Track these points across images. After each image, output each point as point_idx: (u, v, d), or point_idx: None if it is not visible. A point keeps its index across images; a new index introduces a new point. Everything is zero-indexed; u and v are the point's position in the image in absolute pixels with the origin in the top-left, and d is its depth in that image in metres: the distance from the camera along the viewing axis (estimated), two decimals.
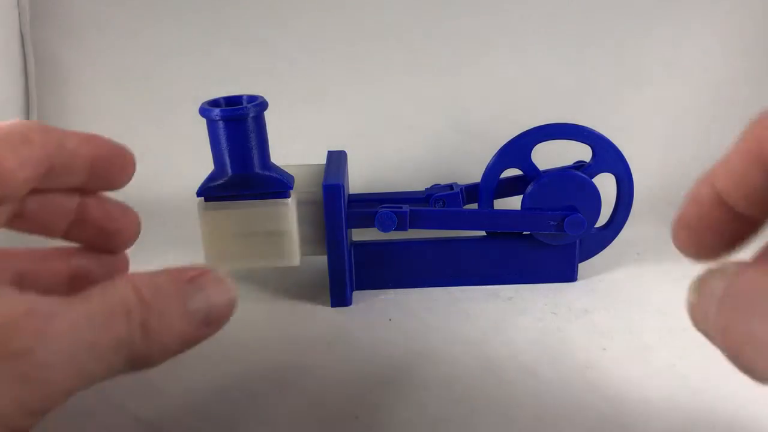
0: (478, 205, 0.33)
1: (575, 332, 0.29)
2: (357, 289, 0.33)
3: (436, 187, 0.35)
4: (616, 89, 0.46)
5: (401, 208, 0.31)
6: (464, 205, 0.34)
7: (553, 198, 0.32)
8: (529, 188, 0.32)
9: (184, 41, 0.45)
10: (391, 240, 0.32)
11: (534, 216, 0.32)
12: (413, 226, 0.31)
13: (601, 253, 0.34)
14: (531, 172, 0.32)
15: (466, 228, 0.32)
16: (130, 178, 0.23)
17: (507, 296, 0.32)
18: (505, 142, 0.32)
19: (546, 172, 0.32)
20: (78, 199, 0.24)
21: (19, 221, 0.22)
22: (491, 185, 0.32)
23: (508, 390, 0.25)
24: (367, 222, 0.31)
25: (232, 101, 0.28)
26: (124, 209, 0.25)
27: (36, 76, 0.45)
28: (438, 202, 0.33)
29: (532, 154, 0.32)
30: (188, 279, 0.20)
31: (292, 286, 0.34)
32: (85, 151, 0.22)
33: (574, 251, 0.33)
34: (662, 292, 0.33)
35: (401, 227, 0.31)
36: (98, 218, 0.24)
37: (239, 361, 0.27)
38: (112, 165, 0.23)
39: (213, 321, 0.20)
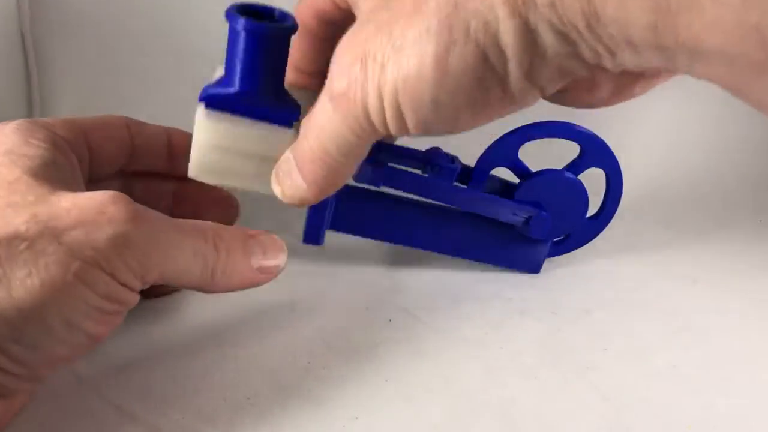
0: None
1: (575, 332, 0.29)
2: (331, 228, 0.32)
3: (434, 152, 0.32)
4: None
5: (384, 164, 0.30)
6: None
7: (541, 197, 0.32)
8: (517, 188, 0.32)
9: (186, 42, 0.45)
10: (378, 191, 0.32)
11: (497, 203, 0.31)
12: (387, 184, 0.30)
13: (601, 253, 0.34)
14: (519, 171, 0.32)
15: (435, 199, 0.31)
16: None
17: (507, 296, 0.32)
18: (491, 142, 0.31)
19: (537, 172, 0.32)
20: (174, 184, 0.30)
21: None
22: (481, 180, 0.32)
23: (508, 390, 0.25)
24: None
25: (262, 12, 0.26)
26: (223, 197, 0.31)
27: (36, 76, 0.45)
28: (435, 167, 0.31)
29: (525, 153, 0.31)
30: (250, 235, 0.25)
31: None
32: (162, 137, 0.29)
33: (545, 246, 0.33)
34: (663, 291, 0.33)
35: (375, 182, 0.30)
36: (194, 201, 0.30)
37: (237, 359, 0.27)
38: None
39: (266, 271, 0.25)
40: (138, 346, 0.28)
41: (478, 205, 0.32)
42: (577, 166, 0.32)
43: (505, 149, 0.31)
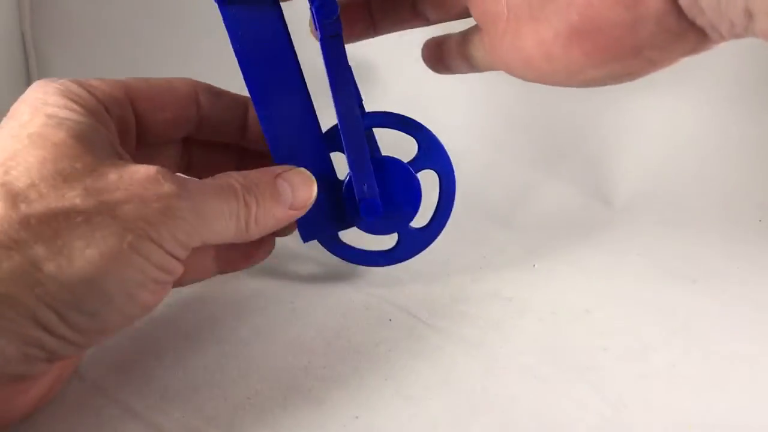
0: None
1: (575, 332, 0.29)
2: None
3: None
4: (615, 88, 0.46)
5: None
6: None
7: (383, 183, 0.30)
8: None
9: (186, 42, 0.45)
10: None
11: (365, 148, 0.29)
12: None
13: (601, 253, 0.34)
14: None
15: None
16: None
17: (507, 296, 0.32)
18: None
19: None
20: (237, 156, 0.30)
21: (190, 169, 0.30)
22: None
23: (508, 390, 0.25)
24: None
25: None
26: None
27: (36, 76, 0.45)
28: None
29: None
30: (276, 175, 0.26)
31: None
32: (239, 108, 0.28)
33: (333, 226, 0.31)
34: (663, 291, 0.33)
35: None
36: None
37: (238, 358, 0.27)
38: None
39: (298, 207, 0.27)
40: (139, 345, 0.28)
41: (355, 133, 0.28)
42: (414, 163, 0.31)
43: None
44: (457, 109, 0.46)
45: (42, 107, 0.22)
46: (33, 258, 0.19)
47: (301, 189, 0.27)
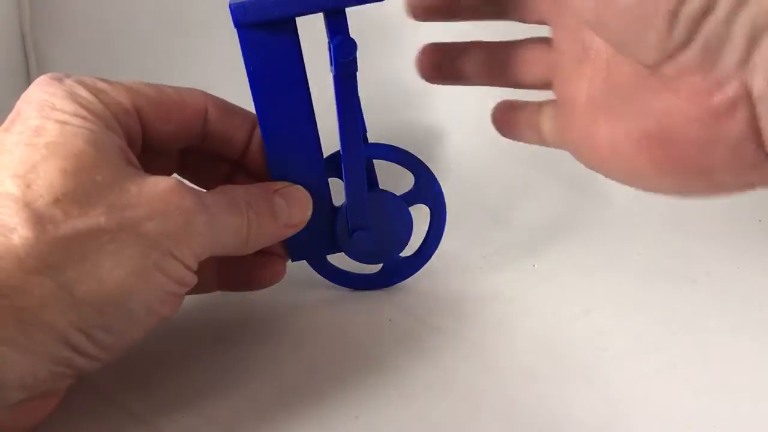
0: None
1: (575, 332, 0.29)
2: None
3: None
4: None
5: None
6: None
7: (372, 217, 0.30)
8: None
9: (187, 43, 0.45)
10: None
11: (362, 174, 0.29)
12: None
13: (601, 253, 0.34)
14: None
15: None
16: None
17: (507, 296, 0.32)
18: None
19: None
20: (229, 169, 0.29)
21: (182, 172, 0.29)
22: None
23: (508, 390, 0.25)
24: None
25: None
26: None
27: (36, 76, 0.45)
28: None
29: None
30: (274, 191, 0.26)
31: None
32: (245, 129, 0.28)
33: (322, 248, 0.31)
34: (663, 291, 0.33)
35: None
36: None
37: (238, 359, 0.27)
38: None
39: (292, 226, 0.27)
40: (140, 347, 0.28)
41: (356, 164, 0.28)
42: (408, 197, 0.31)
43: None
44: (457, 108, 0.46)
45: (51, 112, 0.22)
46: (64, 283, 0.19)
47: (297, 207, 0.27)
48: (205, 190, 0.24)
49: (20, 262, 0.19)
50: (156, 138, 0.26)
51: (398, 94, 0.45)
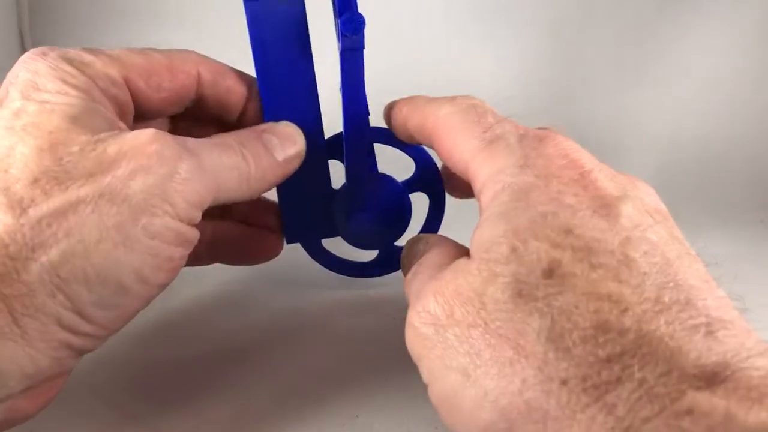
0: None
1: None
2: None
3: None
4: (615, 88, 0.46)
5: None
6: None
7: (372, 200, 0.30)
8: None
9: (188, 44, 0.45)
10: None
11: (365, 157, 0.29)
12: None
13: None
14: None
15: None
16: None
17: None
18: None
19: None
20: (218, 130, 0.27)
21: None
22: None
23: None
24: None
25: None
26: None
27: None
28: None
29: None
30: (261, 130, 0.26)
31: None
32: (240, 92, 0.27)
33: (316, 230, 0.30)
34: None
35: None
36: None
37: (238, 359, 0.27)
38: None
39: (291, 161, 0.26)
40: (139, 348, 0.28)
41: (357, 145, 0.28)
42: (409, 184, 0.31)
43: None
44: None
45: (33, 93, 0.21)
46: (50, 265, 0.19)
47: (288, 139, 0.26)
48: (191, 138, 0.23)
49: (4, 249, 0.19)
50: (148, 106, 0.25)
51: (399, 85, 0.45)
